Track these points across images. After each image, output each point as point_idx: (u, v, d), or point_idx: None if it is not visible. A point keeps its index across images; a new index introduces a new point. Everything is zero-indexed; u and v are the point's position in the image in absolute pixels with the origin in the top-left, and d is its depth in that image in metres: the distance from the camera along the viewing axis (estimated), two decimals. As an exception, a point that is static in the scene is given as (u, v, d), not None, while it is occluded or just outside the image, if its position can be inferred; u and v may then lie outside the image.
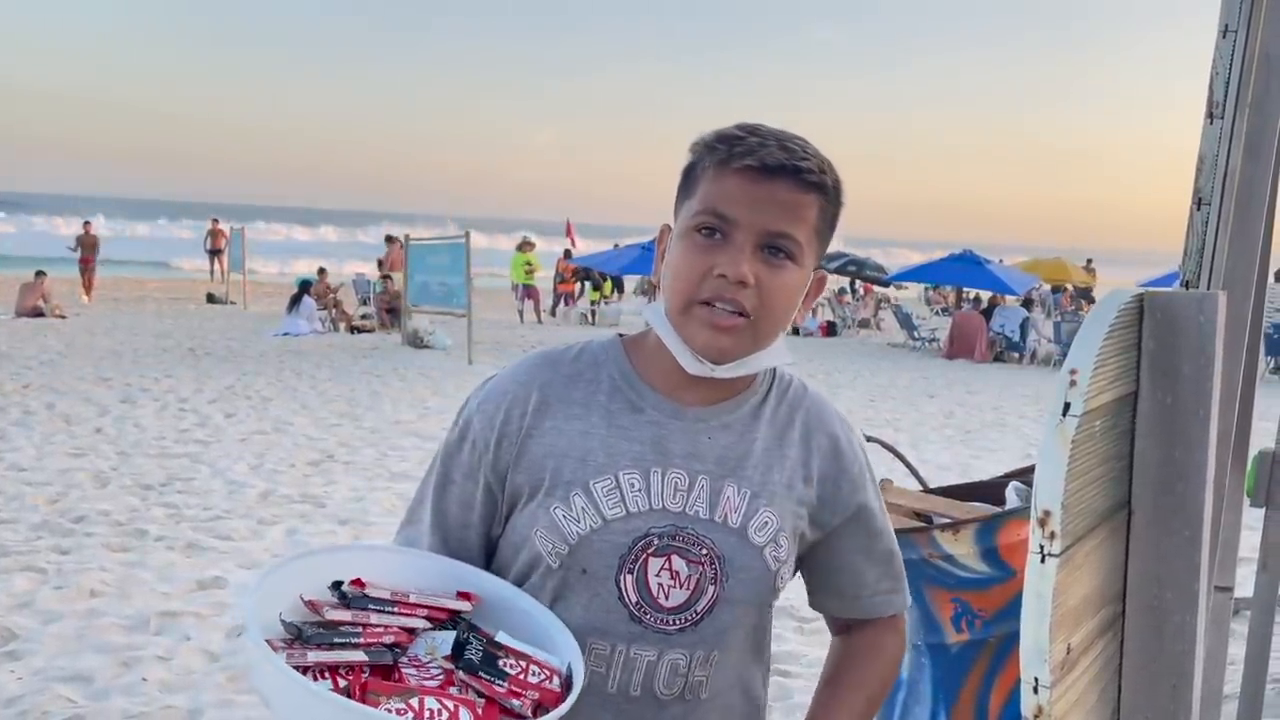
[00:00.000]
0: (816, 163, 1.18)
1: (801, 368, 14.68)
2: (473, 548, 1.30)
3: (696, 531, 1.22)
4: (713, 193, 1.18)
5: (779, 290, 1.19)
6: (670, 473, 1.23)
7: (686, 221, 1.20)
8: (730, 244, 1.17)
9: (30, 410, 8.96)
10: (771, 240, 1.17)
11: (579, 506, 1.22)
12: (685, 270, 1.19)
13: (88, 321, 16.85)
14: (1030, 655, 0.75)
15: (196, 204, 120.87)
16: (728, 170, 1.17)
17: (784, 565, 1.27)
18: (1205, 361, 0.84)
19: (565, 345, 1.35)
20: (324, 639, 1.06)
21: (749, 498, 1.24)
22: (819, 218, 1.21)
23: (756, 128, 1.19)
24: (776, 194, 1.16)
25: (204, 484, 6.75)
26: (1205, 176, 1.22)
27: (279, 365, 12.74)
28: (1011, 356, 17.25)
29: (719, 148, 1.18)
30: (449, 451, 1.31)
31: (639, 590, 1.22)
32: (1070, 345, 0.82)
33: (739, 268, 1.15)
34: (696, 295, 1.18)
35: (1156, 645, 0.88)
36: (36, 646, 4.08)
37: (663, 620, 1.22)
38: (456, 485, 1.30)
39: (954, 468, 8.14)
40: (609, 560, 1.21)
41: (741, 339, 1.19)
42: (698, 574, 1.22)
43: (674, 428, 1.25)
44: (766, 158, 1.15)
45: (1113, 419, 0.84)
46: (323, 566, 1.16)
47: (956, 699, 2.63)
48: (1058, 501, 0.74)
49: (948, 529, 2.54)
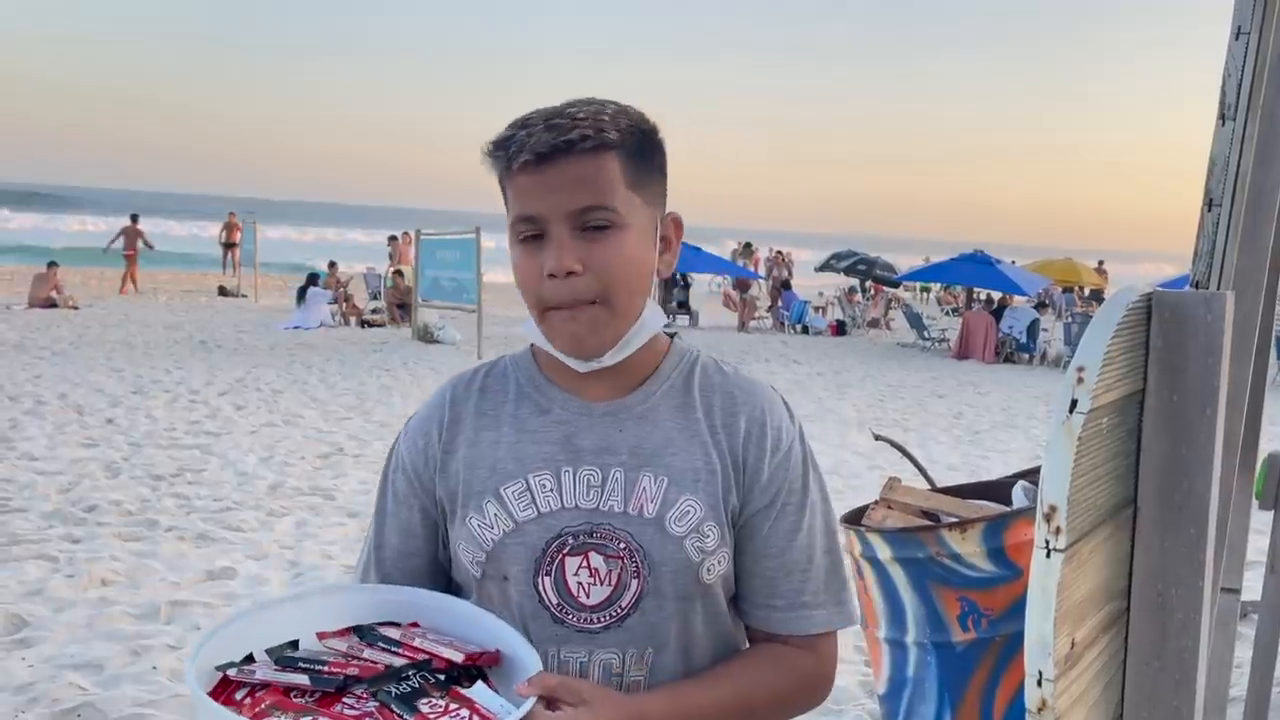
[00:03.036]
0: (590, 125, 1.14)
1: (811, 366, 14.74)
2: (420, 576, 1.31)
3: (613, 526, 1.20)
4: (513, 199, 1.18)
5: (611, 262, 1.16)
6: (582, 470, 1.22)
7: (510, 232, 1.20)
8: (548, 240, 1.16)
9: (43, 400, 9.02)
10: (583, 219, 1.15)
11: (492, 513, 1.22)
12: (523, 280, 1.19)
13: (100, 313, 16.93)
14: (1034, 649, 0.76)
15: (213, 197, 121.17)
16: (513, 173, 1.16)
17: (710, 556, 1.21)
18: (1212, 360, 0.85)
19: (479, 364, 1.36)
20: (290, 662, 1.08)
21: (666, 486, 1.21)
22: (624, 170, 1.17)
23: (526, 119, 1.17)
24: (565, 175, 1.14)
25: (214, 475, 6.79)
26: (1216, 178, 1.22)
27: (289, 358, 12.79)
28: (1021, 357, 17.20)
29: (498, 155, 1.17)
30: (384, 484, 1.34)
31: (558, 591, 1.20)
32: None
33: (560, 261, 1.14)
34: (542, 303, 1.18)
35: (1160, 642, 0.88)
36: (47, 634, 4.11)
37: (586, 619, 1.20)
38: (392, 515, 1.31)
39: (962, 468, 8.13)
40: (525, 563, 1.21)
41: (599, 326, 1.17)
42: (618, 569, 1.20)
43: (583, 424, 1.24)
44: (536, 147, 1.13)
45: (1119, 416, 0.85)
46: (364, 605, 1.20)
47: (962, 697, 2.64)
48: (1063, 497, 0.75)
49: (955, 528, 2.54)
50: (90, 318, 16.12)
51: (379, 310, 18.75)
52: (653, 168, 1.21)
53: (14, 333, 13.70)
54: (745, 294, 21.29)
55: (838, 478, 7.70)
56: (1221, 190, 1.22)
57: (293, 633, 1.13)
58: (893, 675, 2.76)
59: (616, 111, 1.18)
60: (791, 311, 20.72)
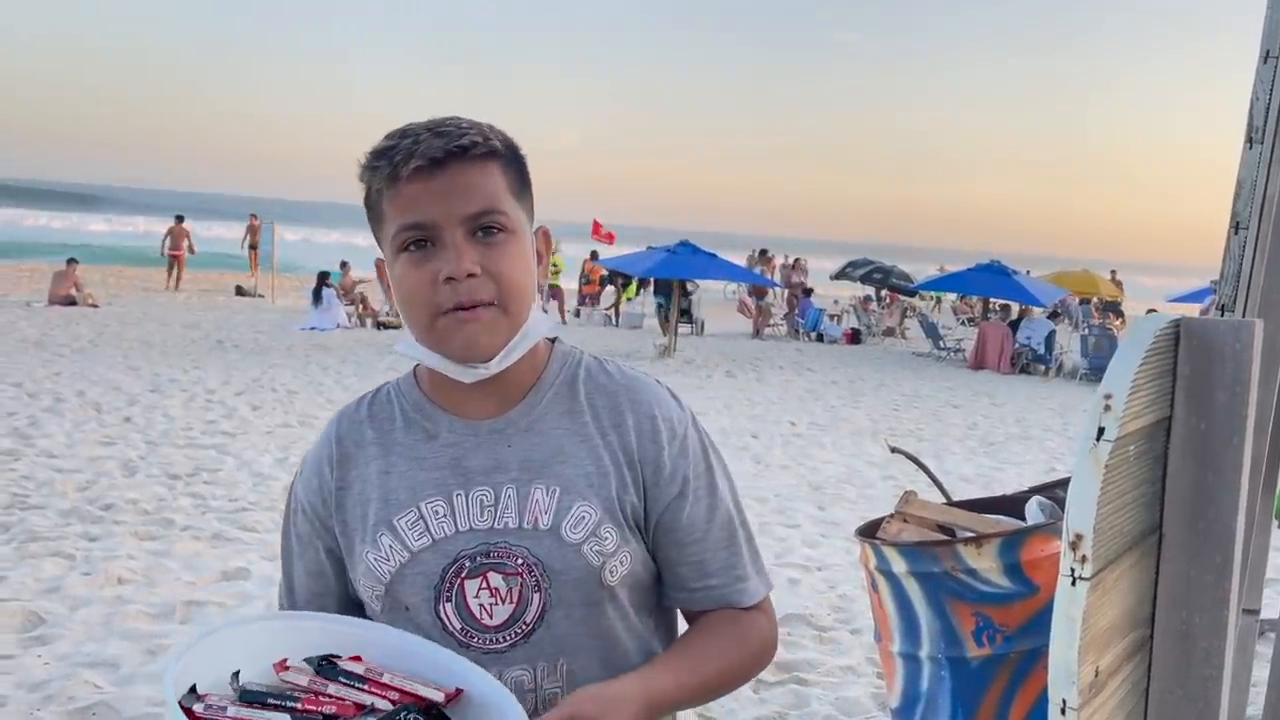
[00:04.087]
0: (478, 133, 1.16)
1: (826, 375, 14.71)
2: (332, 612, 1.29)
3: (508, 543, 1.20)
4: (398, 208, 1.16)
5: (508, 264, 1.17)
6: (474, 491, 1.21)
7: (391, 246, 1.18)
8: (441, 246, 1.15)
9: (61, 397, 9.08)
10: (477, 223, 1.16)
11: (386, 545, 1.21)
12: (412, 290, 1.17)
13: (119, 311, 17.05)
14: (1059, 677, 0.76)
15: (234, 197, 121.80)
16: (399, 181, 1.15)
17: (611, 558, 1.21)
18: (1240, 389, 0.84)
19: (362, 395, 1.34)
20: (258, 699, 1.04)
21: (559, 495, 1.20)
22: (508, 180, 1.19)
23: (405, 129, 1.17)
24: (457, 179, 1.14)
25: (230, 475, 6.82)
26: (1243, 201, 1.21)
27: (305, 359, 12.85)
28: (1037, 369, 17.12)
29: (381, 165, 1.16)
30: (286, 527, 1.33)
31: (460, 615, 1.20)
32: (1096, 359, 0.82)
33: (460, 264, 1.13)
34: (435, 308, 1.16)
35: (1184, 670, 0.88)
36: (63, 632, 4.14)
37: (490, 640, 1.20)
38: (298, 556, 1.31)
39: (977, 479, 8.10)
40: (424, 593, 1.20)
41: (496, 327, 1.17)
42: (518, 585, 1.19)
43: (471, 445, 1.23)
44: (429, 152, 1.13)
45: (1146, 444, 0.85)
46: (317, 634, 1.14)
47: (976, 713, 2.63)
48: (1090, 525, 0.75)
49: (971, 543, 2.54)
50: (109, 316, 16.23)
51: (395, 312, 18.76)
52: (527, 181, 1.23)
53: (34, 330, 13.81)
54: (761, 301, 21.26)
55: (851, 487, 7.68)
56: (1249, 213, 1.21)
57: (239, 661, 1.08)
58: (906, 689, 2.75)
59: (491, 126, 1.20)
60: (807, 319, 20.69)
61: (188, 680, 1.01)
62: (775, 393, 12.53)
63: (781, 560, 5.74)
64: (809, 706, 3.90)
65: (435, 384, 1.27)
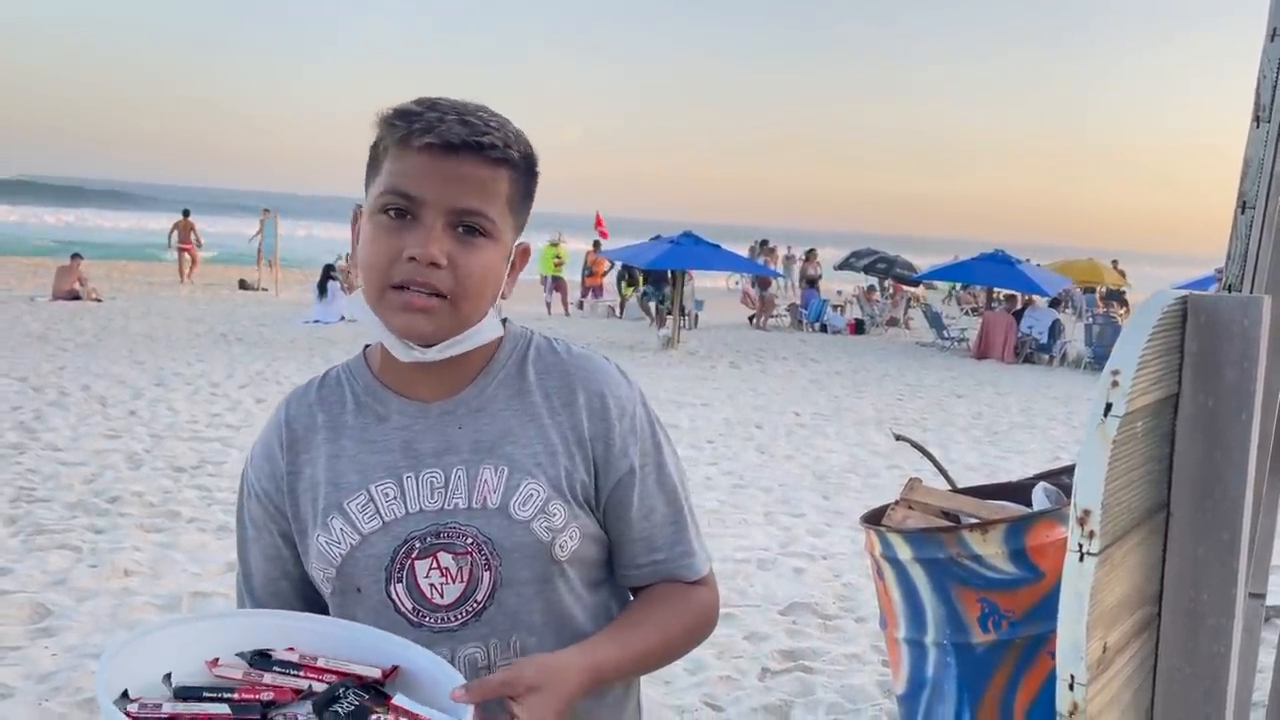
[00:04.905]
0: (501, 137, 1.15)
1: (830, 365, 14.70)
2: (287, 596, 1.30)
3: (458, 523, 1.20)
4: (396, 172, 1.14)
5: (474, 268, 1.16)
6: (424, 473, 1.21)
7: (373, 203, 1.17)
8: (419, 224, 1.14)
9: (66, 391, 9.10)
10: (461, 219, 1.15)
11: (337, 529, 1.21)
12: (376, 254, 1.15)
13: (123, 305, 17.06)
14: (1067, 652, 0.76)
15: (239, 191, 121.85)
16: (409, 148, 1.13)
17: (560, 534, 1.22)
18: (1248, 365, 0.84)
19: (312, 378, 1.33)
20: (194, 694, 1.03)
21: (506, 475, 1.21)
22: (512, 191, 1.18)
23: (436, 102, 1.15)
24: (463, 171, 1.13)
25: (235, 468, 6.83)
26: (1250, 180, 1.21)
27: (309, 352, 12.85)
28: (1041, 358, 17.09)
29: (398, 125, 1.14)
30: (239, 510, 1.33)
31: (411, 595, 1.20)
32: (1100, 348, 0.82)
33: (428, 249, 1.12)
34: (389, 279, 1.15)
35: (1192, 647, 0.88)
36: (71, 623, 4.15)
37: (442, 619, 1.20)
38: (253, 540, 1.30)
39: (981, 469, 8.10)
40: (375, 574, 1.20)
41: (440, 320, 1.16)
42: (468, 564, 1.20)
43: (421, 427, 1.23)
44: (447, 134, 1.12)
45: (1154, 420, 0.85)
46: (242, 630, 1.13)
47: (981, 699, 2.63)
48: (1097, 501, 0.74)
49: (976, 529, 2.54)
50: (113, 310, 16.24)
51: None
52: (529, 197, 1.23)
53: (38, 324, 13.83)
54: (764, 292, 21.23)
55: (855, 476, 7.68)
56: (1256, 192, 1.21)
57: (169, 664, 1.06)
58: (911, 676, 2.76)
59: (519, 133, 1.19)
60: (810, 310, 20.66)
61: (118, 686, 1.00)
62: (779, 383, 12.52)
63: (786, 549, 5.74)
64: (814, 695, 3.91)
65: (385, 365, 1.27)
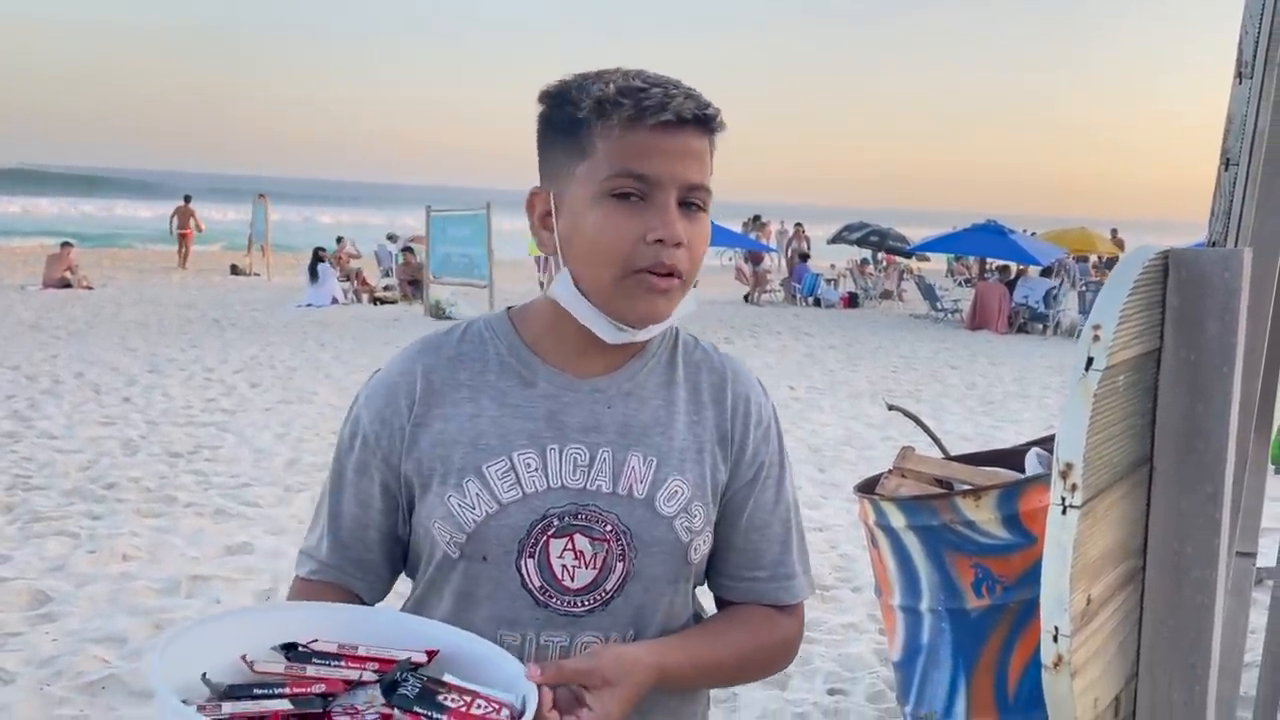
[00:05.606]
0: (713, 107, 1.14)
1: (823, 339, 14.72)
2: (374, 548, 1.25)
3: (599, 507, 1.17)
4: (624, 152, 1.11)
5: (701, 244, 1.15)
6: (568, 448, 1.18)
7: (596, 186, 1.12)
8: (655, 205, 1.11)
9: (60, 379, 9.08)
10: (689, 194, 1.13)
11: (473, 493, 1.17)
12: (613, 240, 1.11)
13: (114, 293, 17.00)
14: (1051, 605, 0.77)
15: (230, 176, 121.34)
16: (639, 127, 1.10)
17: (698, 536, 1.21)
18: (1230, 318, 0.84)
19: (449, 327, 1.28)
20: (246, 693, 0.99)
21: (655, 466, 1.19)
22: (711, 162, 1.17)
23: (652, 77, 1.13)
24: (689, 145, 1.12)
25: (231, 452, 6.83)
26: (1233, 137, 1.21)
27: (302, 336, 12.83)
28: (1035, 328, 17.13)
29: (624, 102, 1.10)
30: (342, 450, 1.26)
31: (541, 574, 1.17)
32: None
33: (673, 229, 1.10)
34: (631, 265, 1.12)
35: (1176, 599, 0.89)
36: (70, 609, 4.16)
37: (570, 603, 1.18)
38: (351, 484, 1.25)
39: (976, 438, 8.13)
40: (507, 545, 1.17)
41: (675, 299, 1.15)
42: (604, 551, 1.17)
43: (569, 400, 1.20)
44: (680, 109, 1.09)
45: (1136, 374, 0.85)
46: (263, 625, 1.09)
47: (976, 664, 2.65)
48: (1079, 455, 0.75)
49: (969, 495, 2.55)
50: (104, 297, 16.19)
51: (391, 287, 18.78)
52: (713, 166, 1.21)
53: (30, 313, 13.78)
54: (758, 267, 21.22)
55: (850, 449, 7.70)
56: (1239, 149, 1.21)
57: (204, 663, 1.03)
58: (907, 642, 2.78)
59: None
60: (803, 284, 20.66)
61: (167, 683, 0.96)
62: (773, 358, 12.53)
63: (782, 522, 5.77)
64: (812, 664, 3.94)
65: (540, 333, 1.23)
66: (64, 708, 3.36)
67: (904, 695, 2.80)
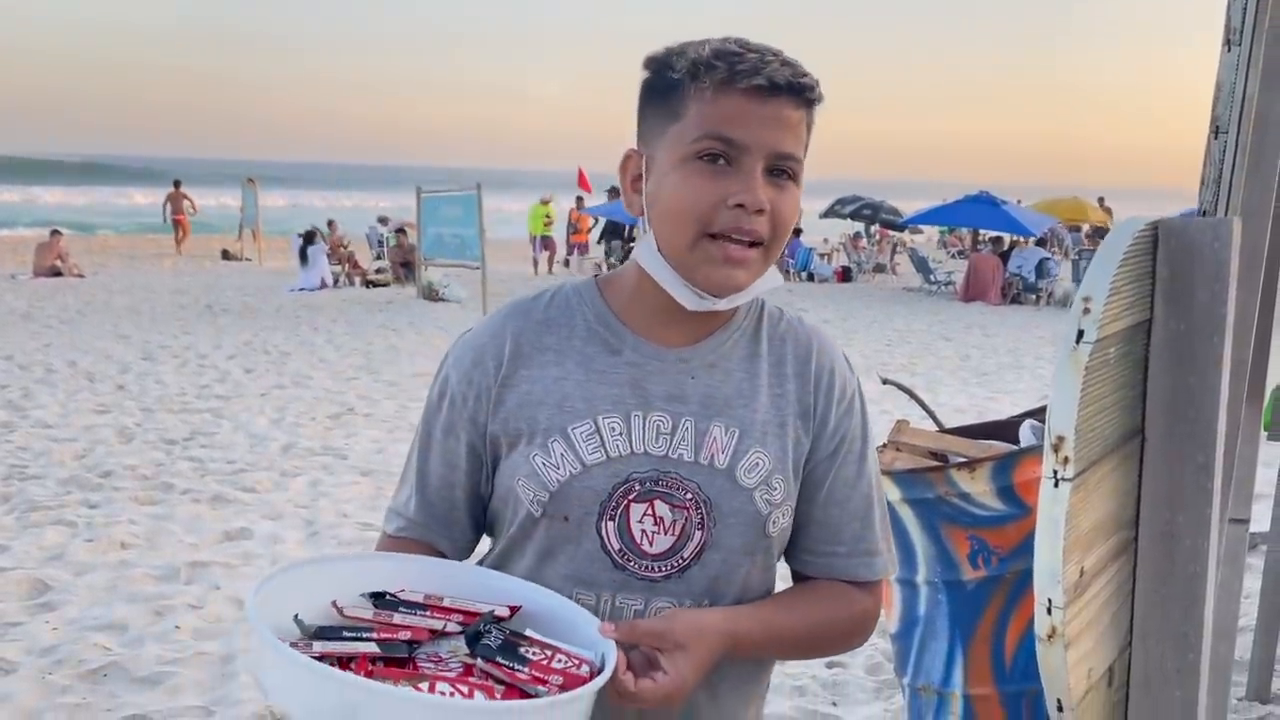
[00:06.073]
0: (812, 78, 1.14)
1: (817, 314, 14.72)
2: (459, 506, 1.28)
3: (680, 475, 1.18)
4: (713, 115, 1.11)
5: (788, 213, 1.14)
6: (652, 415, 1.19)
7: (684, 148, 1.12)
8: (740, 170, 1.11)
9: (53, 368, 9.06)
10: (778, 162, 1.13)
11: (558, 453, 1.18)
12: (693, 201, 1.12)
13: (105, 280, 16.94)
14: (1044, 577, 0.77)
15: (216, 161, 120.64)
16: (731, 90, 1.10)
17: (777, 509, 1.21)
18: (1220, 287, 0.84)
19: (538, 292, 1.29)
20: (334, 634, 1.04)
21: (737, 437, 1.19)
22: (808, 134, 1.16)
23: (747, 42, 1.13)
24: (781, 113, 1.11)
25: (226, 438, 6.83)
26: (1222, 105, 1.20)
27: (295, 320, 12.80)
28: (1028, 298, 17.14)
29: (718, 65, 1.10)
30: (430, 410, 1.28)
31: (621, 537, 1.18)
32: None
33: (756, 194, 1.10)
34: (709, 227, 1.12)
35: (1169, 568, 0.89)
36: (70, 597, 4.17)
37: (647, 567, 1.19)
38: (438, 443, 1.27)
39: (970, 410, 8.14)
40: (589, 506, 1.18)
41: (754, 269, 1.15)
42: (683, 519, 1.18)
43: (654, 368, 1.21)
44: (774, 75, 1.09)
45: (1127, 346, 0.85)
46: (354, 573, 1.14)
47: (973, 634, 2.67)
48: (1071, 427, 0.75)
49: (964, 467, 2.56)
50: (95, 285, 16.13)
51: (383, 270, 18.74)
52: (810, 139, 1.20)
53: (21, 302, 13.73)
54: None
55: (846, 423, 7.72)
56: (1228, 117, 1.20)
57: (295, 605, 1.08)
58: (905, 614, 2.79)
59: None
60: (797, 259, 20.64)
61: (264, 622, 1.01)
62: (768, 333, 12.52)
63: (779, 497, 5.78)
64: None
65: (627, 300, 1.24)
66: (66, 695, 3.37)
67: (902, 667, 2.82)
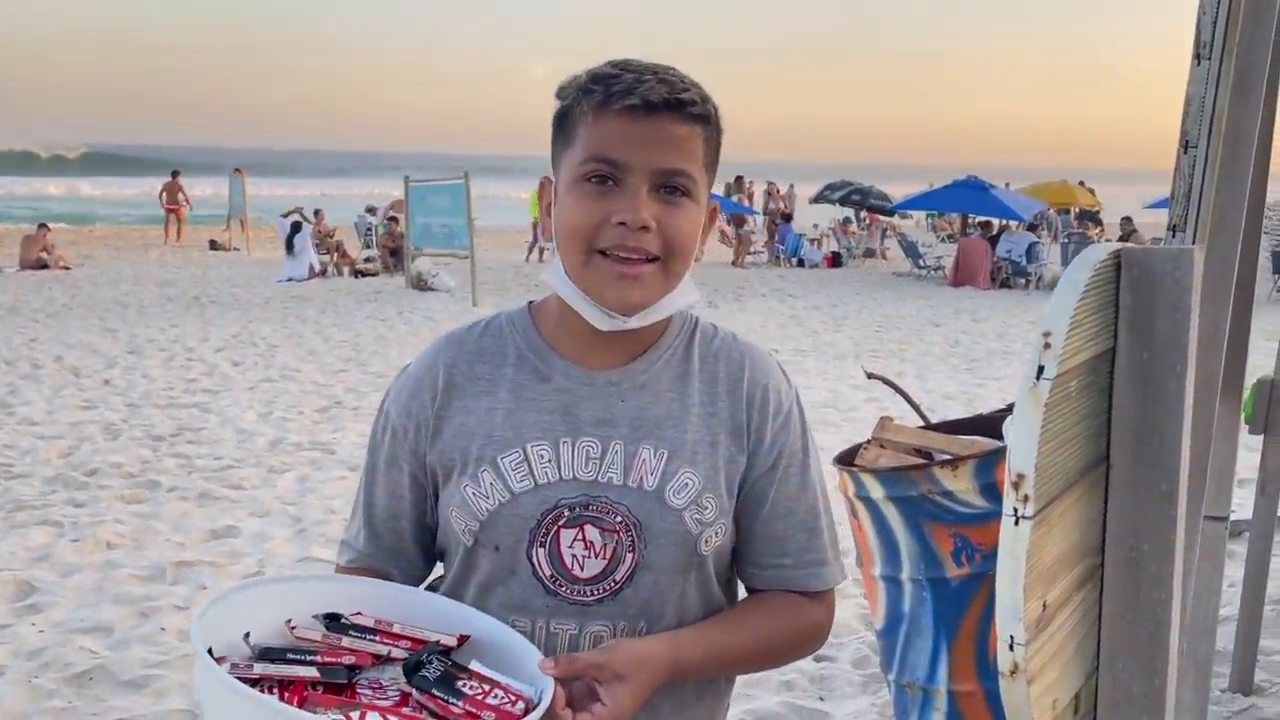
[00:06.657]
0: (697, 94, 1.15)
1: (807, 299, 14.72)
2: (406, 537, 1.30)
3: (610, 499, 1.19)
4: (595, 137, 1.13)
5: (681, 229, 1.15)
6: (581, 440, 1.20)
7: (572, 171, 1.15)
8: (624, 189, 1.13)
9: (39, 363, 9.01)
10: (666, 179, 1.14)
11: (487, 482, 1.20)
12: (580, 221, 1.14)
13: (91, 273, 16.85)
14: (1005, 614, 0.77)
15: (204, 149, 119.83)
16: (609, 112, 1.12)
17: (709, 528, 1.22)
18: (1181, 316, 0.84)
19: (473, 322, 1.31)
20: (278, 655, 1.05)
21: (666, 459, 1.20)
22: (705, 150, 1.17)
23: (628, 63, 1.15)
24: (663, 131, 1.12)
25: (214, 434, 6.81)
26: (1192, 119, 1.20)
27: (284, 311, 12.76)
28: (1017, 282, 17.18)
29: (594, 89, 1.13)
30: (374, 443, 1.31)
31: (552, 563, 1.20)
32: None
33: (637, 213, 1.11)
34: (595, 244, 1.14)
35: (1134, 596, 0.89)
36: (56, 599, 4.16)
37: (579, 592, 1.20)
38: (383, 475, 1.29)
39: (959, 397, 8.18)
40: (519, 534, 1.19)
41: (651, 285, 1.16)
42: (614, 542, 1.19)
43: (585, 394, 1.22)
44: (648, 94, 1.11)
45: (1090, 376, 0.85)
46: (314, 593, 1.15)
47: (957, 631, 2.68)
48: (1031, 465, 0.75)
49: (946, 465, 2.56)
50: (82, 278, 16.04)
51: (372, 259, 18.67)
52: (718, 156, 1.21)
53: (6, 295, 13.65)
54: (740, 229, 21.17)
55: (835, 411, 7.73)
56: (1198, 131, 1.20)
57: (246, 624, 1.09)
58: (889, 611, 2.80)
59: (707, 92, 1.18)
60: (787, 245, 20.64)
61: (206, 644, 1.02)
62: (758, 320, 12.54)
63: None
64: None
65: (555, 326, 1.25)
66: (53, 700, 3.37)
67: (887, 663, 2.83)
